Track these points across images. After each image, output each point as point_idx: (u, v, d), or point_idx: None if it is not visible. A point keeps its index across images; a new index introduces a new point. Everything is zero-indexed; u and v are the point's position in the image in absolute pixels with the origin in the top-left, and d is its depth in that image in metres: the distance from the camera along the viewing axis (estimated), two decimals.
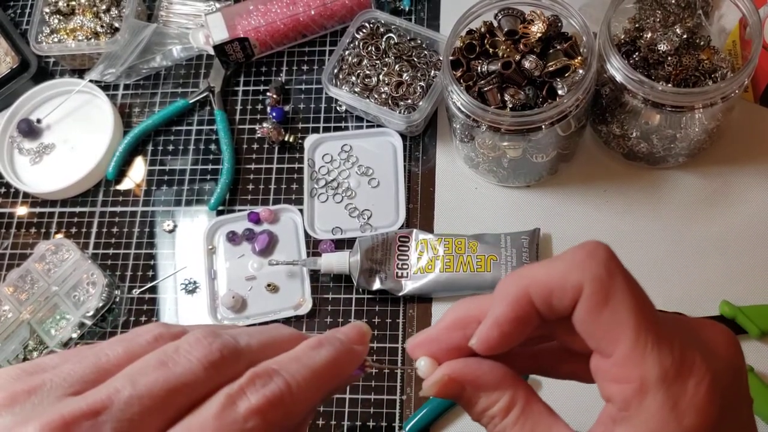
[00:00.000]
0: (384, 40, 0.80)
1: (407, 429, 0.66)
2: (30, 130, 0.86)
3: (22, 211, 0.84)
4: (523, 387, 0.32)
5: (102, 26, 0.87)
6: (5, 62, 0.90)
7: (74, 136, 0.86)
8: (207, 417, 0.27)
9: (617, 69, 0.63)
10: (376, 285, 0.71)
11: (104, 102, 0.85)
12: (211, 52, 0.83)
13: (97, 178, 0.84)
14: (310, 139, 0.80)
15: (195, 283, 0.77)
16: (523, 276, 0.31)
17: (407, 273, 0.71)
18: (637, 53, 0.68)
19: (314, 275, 0.75)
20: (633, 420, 0.28)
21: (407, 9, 0.86)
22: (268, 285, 0.75)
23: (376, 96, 0.77)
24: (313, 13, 0.83)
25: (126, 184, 0.83)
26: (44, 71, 0.91)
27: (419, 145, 0.79)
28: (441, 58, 0.78)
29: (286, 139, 0.81)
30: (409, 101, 0.77)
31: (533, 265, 0.31)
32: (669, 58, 0.66)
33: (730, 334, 0.31)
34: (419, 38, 0.81)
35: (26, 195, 0.85)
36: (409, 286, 0.71)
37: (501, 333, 0.31)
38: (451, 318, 0.33)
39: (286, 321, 0.73)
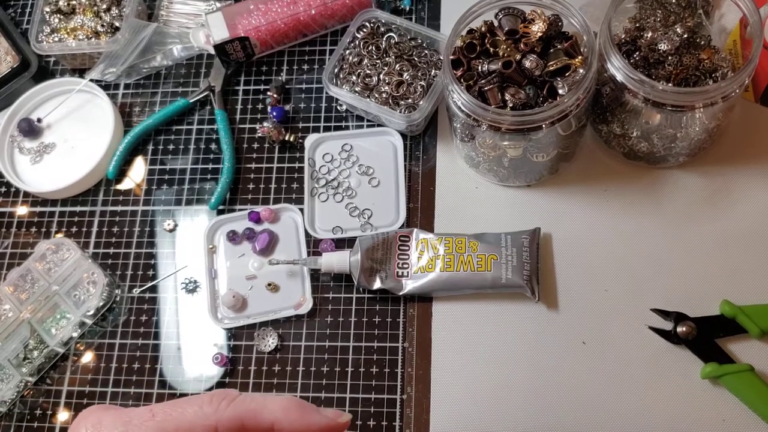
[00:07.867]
0: (384, 39, 0.80)
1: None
2: (30, 129, 0.86)
3: (22, 210, 0.84)
4: None
5: (102, 25, 0.87)
6: (6, 61, 0.90)
7: (74, 136, 0.86)
8: None
9: (618, 68, 0.63)
10: (377, 284, 0.71)
11: (105, 101, 0.85)
12: (212, 51, 0.83)
13: (97, 178, 0.84)
14: (310, 139, 0.80)
15: (195, 282, 0.77)
16: None
17: (408, 272, 0.71)
18: (637, 53, 0.68)
19: (315, 275, 0.75)
20: None
21: (408, 8, 0.86)
22: (269, 284, 0.75)
23: (376, 95, 0.77)
24: (313, 12, 0.83)
25: (126, 184, 0.83)
26: (45, 70, 0.91)
27: (420, 144, 0.79)
28: (441, 58, 0.78)
29: (286, 138, 0.81)
30: (410, 101, 0.77)
31: None
32: (669, 57, 0.66)
33: None
34: (420, 38, 0.81)
35: (26, 194, 0.85)
36: (409, 285, 0.71)
37: None
38: None
39: (287, 320, 0.73)
